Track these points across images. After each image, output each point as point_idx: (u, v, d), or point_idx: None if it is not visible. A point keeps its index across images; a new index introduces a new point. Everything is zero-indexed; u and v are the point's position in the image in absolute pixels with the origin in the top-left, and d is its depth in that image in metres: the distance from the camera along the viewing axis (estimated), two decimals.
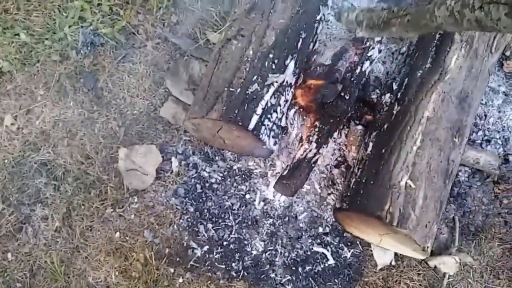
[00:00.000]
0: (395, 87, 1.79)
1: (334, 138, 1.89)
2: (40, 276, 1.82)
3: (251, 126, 1.61)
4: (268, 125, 1.68)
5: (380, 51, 1.86)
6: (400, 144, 1.59)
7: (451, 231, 1.88)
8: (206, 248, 1.82)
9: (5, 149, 1.94)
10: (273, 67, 1.69)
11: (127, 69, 2.07)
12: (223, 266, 1.80)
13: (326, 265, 1.82)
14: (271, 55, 1.68)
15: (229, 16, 1.92)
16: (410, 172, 1.53)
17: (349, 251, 1.84)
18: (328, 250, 1.83)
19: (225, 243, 1.83)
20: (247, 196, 1.89)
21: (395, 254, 1.82)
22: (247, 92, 1.63)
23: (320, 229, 1.86)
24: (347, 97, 1.85)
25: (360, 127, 1.89)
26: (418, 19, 1.18)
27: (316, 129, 1.78)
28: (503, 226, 1.90)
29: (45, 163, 1.92)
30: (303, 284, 1.78)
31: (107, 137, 1.96)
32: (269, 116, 1.68)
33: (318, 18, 1.84)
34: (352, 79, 1.87)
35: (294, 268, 1.80)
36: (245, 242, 1.83)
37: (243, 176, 1.91)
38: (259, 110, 1.63)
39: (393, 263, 1.82)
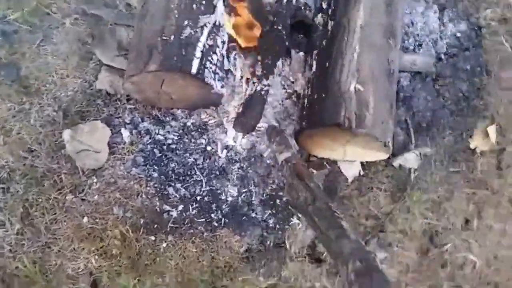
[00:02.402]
0: (325, 6, 1.82)
1: (279, 70, 1.90)
2: (16, 284, 1.70)
3: (194, 70, 1.57)
4: (211, 67, 1.65)
5: None
6: (342, 55, 1.63)
7: (406, 131, 1.98)
8: (181, 207, 1.78)
9: None
10: (202, 8, 1.65)
11: (50, 51, 1.92)
12: (203, 220, 1.78)
13: None
14: None
15: None
16: (357, 78, 1.58)
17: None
18: None
19: (198, 197, 1.80)
20: (208, 148, 1.86)
21: (362, 164, 1.89)
22: (181, 37, 1.58)
23: None
24: (280, 28, 1.87)
25: (301, 53, 1.91)
26: None
27: (259, 63, 1.79)
28: (449, 116, 2.04)
29: None
30: (283, 215, 1.81)
31: (46, 125, 1.83)
32: (209, 58, 1.64)
33: None
34: (282, 9, 1.89)
35: (271, 202, 1.82)
36: (218, 191, 1.82)
37: (199, 130, 1.88)
38: (198, 53, 1.59)
39: (362, 173, 1.89)
